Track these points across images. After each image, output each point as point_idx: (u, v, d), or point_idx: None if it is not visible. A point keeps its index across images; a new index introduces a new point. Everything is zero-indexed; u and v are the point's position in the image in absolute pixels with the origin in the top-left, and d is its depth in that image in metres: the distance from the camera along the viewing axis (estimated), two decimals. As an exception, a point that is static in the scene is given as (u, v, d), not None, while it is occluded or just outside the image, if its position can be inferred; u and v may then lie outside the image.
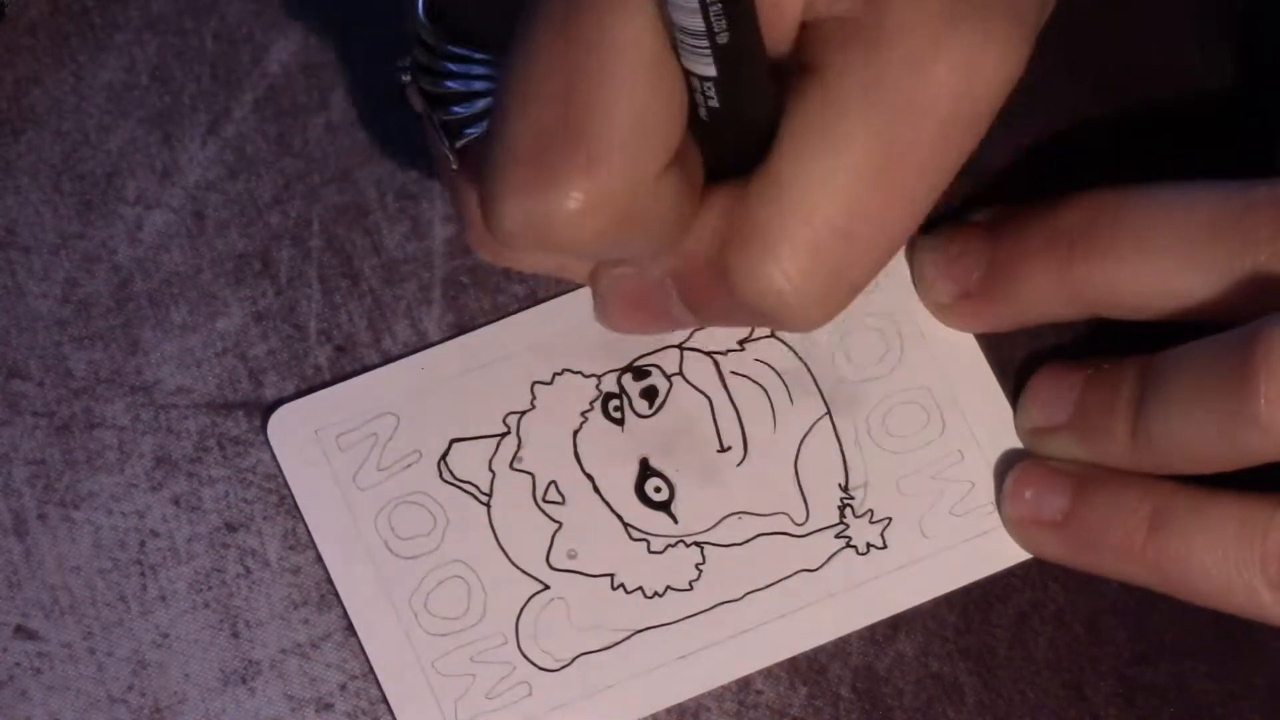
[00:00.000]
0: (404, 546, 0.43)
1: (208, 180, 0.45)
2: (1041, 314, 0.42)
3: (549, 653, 0.42)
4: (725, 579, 0.43)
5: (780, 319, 0.35)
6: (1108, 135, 0.45)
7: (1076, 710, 0.43)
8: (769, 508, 0.43)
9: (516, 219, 0.32)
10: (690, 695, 0.42)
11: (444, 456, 0.43)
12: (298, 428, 0.43)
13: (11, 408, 0.44)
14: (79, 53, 0.45)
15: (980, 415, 0.44)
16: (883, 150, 0.34)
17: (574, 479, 0.43)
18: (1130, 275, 0.40)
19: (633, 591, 0.43)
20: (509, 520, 0.43)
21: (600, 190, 0.32)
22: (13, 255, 0.44)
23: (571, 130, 0.32)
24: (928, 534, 0.43)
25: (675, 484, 0.43)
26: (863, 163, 0.34)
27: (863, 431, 0.44)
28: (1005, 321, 0.43)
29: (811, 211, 0.34)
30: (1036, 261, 0.41)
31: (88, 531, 0.43)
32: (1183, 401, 0.39)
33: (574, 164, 0.32)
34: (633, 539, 0.43)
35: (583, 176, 0.32)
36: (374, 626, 0.42)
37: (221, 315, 0.44)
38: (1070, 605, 0.43)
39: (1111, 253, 0.40)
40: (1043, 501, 0.42)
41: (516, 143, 0.32)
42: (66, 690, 0.42)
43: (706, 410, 0.44)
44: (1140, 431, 0.40)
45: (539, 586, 0.43)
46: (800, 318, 0.35)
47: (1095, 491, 0.41)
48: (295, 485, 0.43)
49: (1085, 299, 0.41)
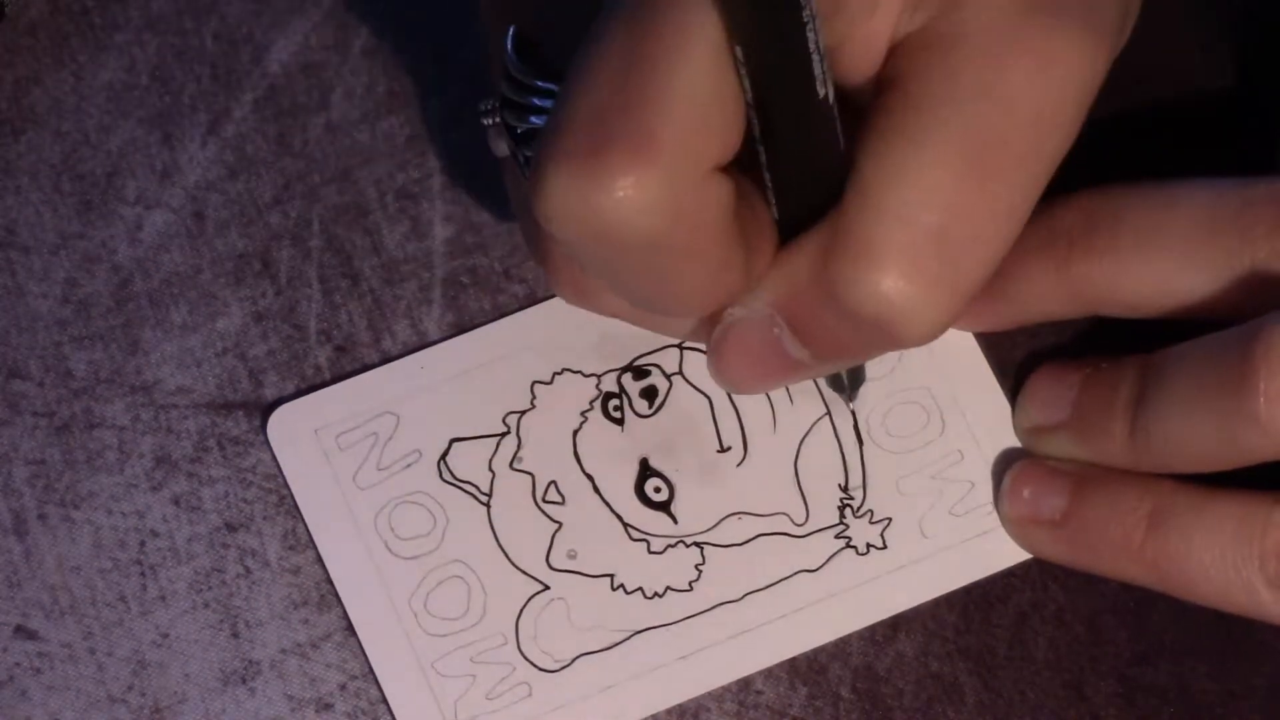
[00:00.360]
0: (404, 546, 0.43)
1: (208, 180, 0.45)
2: (1041, 312, 0.42)
3: (549, 653, 0.43)
4: (725, 579, 0.43)
5: (892, 328, 0.35)
6: (1107, 135, 0.45)
7: (1076, 710, 0.43)
8: (769, 508, 0.43)
9: (565, 199, 0.32)
10: (690, 696, 0.42)
11: (444, 456, 0.43)
12: (298, 427, 0.43)
13: (11, 408, 0.44)
14: (79, 53, 0.45)
15: (980, 415, 0.44)
16: (968, 146, 0.34)
17: (574, 479, 0.43)
18: (1130, 274, 0.40)
19: (633, 592, 0.43)
20: (509, 520, 0.43)
21: (655, 176, 0.32)
22: (13, 255, 0.44)
23: (627, 110, 0.32)
24: (927, 534, 0.43)
25: (675, 484, 0.43)
26: (950, 159, 0.34)
27: (863, 431, 0.44)
28: (1004, 320, 0.43)
29: (905, 213, 0.34)
30: (1035, 261, 0.41)
31: (88, 531, 0.43)
32: (1182, 401, 0.39)
33: (631, 147, 0.31)
34: (633, 539, 0.43)
35: (638, 160, 0.31)
36: (374, 626, 0.42)
37: (221, 315, 0.44)
38: (1070, 605, 0.43)
39: (1110, 252, 0.40)
40: (1041, 501, 0.42)
41: (571, 120, 0.32)
42: (66, 690, 0.42)
43: (706, 410, 0.44)
44: (1139, 431, 0.40)
45: (539, 587, 0.43)
46: (912, 323, 0.34)
47: (1094, 491, 0.41)
48: (295, 485, 0.43)
49: (1085, 297, 0.41)
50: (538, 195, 0.32)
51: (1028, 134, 0.34)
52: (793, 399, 0.44)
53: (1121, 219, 0.40)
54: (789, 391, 0.44)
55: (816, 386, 0.44)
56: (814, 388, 0.44)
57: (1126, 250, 0.40)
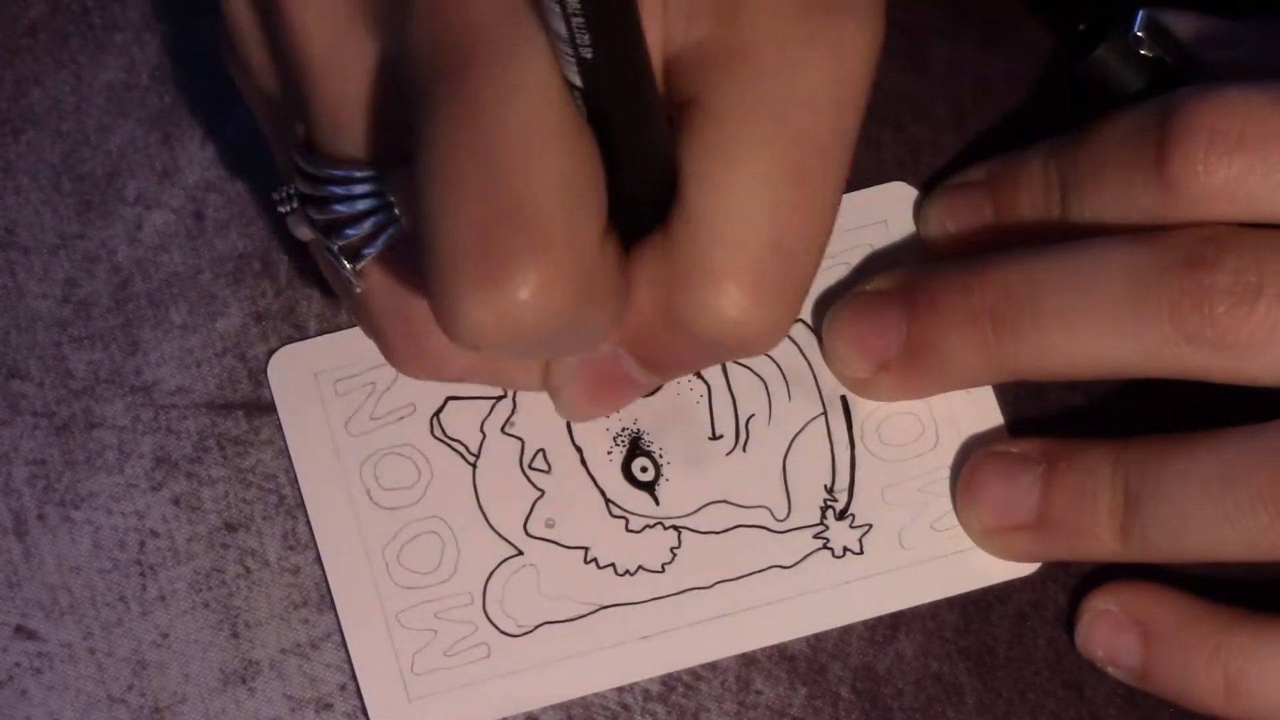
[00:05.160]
0: (385, 497, 0.43)
1: (208, 180, 0.45)
2: (970, 382, 0.43)
3: (513, 618, 0.43)
4: (698, 565, 0.43)
5: (740, 345, 0.35)
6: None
7: (1076, 710, 0.43)
8: (751, 500, 0.43)
9: (480, 317, 0.31)
10: (646, 676, 0.42)
11: (438, 413, 0.43)
12: (298, 369, 0.44)
13: (11, 408, 0.44)
14: (79, 53, 0.45)
15: (977, 436, 0.44)
16: (783, 156, 0.34)
17: (562, 449, 0.43)
18: (1058, 351, 0.40)
19: (605, 567, 0.43)
20: (492, 483, 0.43)
21: (556, 265, 0.31)
22: (13, 255, 0.44)
23: (509, 217, 0.31)
24: (906, 545, 0.43)
25: (662, 466, 0.43)
26: (769, 173, 0.34)
27: (856, 436, 0.44)
28: (930, 390, 0.43)
29: (736, 235, 0.34)
30: (957, 337, 0.41)
31: (87, 531, 0.43)
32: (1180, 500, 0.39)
33: (523, 248, 0.31)
34: (612, 515, 0.43)
35: (535, 257, 0.31)
36: (344, 571, 0.43)
37: (221, 315, 0.44)
38: (1070, 605, 0.43)
39: (1035, 332, 0.40)
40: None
41: (458, 244, 0.31)
42: (66, 690, 0.42)
43: (704, 396, 0.44)
44: (1133, 536, 0.40)
45: (512, 551, 0.43)
46: (759, 338, 0.35)
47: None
48: (287, 426, 0.43)
49: (1015, 370, 0.41)
50: (452, 322, 0.32)
51: (833, 126, 0.34)
52: (791, 396, 0.44)
53: (1039, 298, 0.40)
54: (788, 388, 0.44)
55: (817, 387, 0.44)
56: (814, 388, 0.44)
57: (1052, 330, 0.40)
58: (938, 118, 0.46)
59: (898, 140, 0.45)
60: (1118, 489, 0.40)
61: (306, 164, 0.36)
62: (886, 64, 0.35)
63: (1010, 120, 0.46)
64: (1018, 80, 0.46)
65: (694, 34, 0.34)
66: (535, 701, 0.42)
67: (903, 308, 0.42)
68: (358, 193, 0.35)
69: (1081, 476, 0.41)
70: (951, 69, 0.46)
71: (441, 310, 0.32)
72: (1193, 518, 0.39)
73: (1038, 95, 0.46)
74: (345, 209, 0.35)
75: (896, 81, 0.46)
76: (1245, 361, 0.38)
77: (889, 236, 0.45)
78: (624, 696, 0.43)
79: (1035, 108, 0.45)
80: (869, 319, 0.42)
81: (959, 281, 0.41)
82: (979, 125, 0.46)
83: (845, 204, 0.44)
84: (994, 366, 0.41)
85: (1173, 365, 0.39)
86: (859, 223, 0.45)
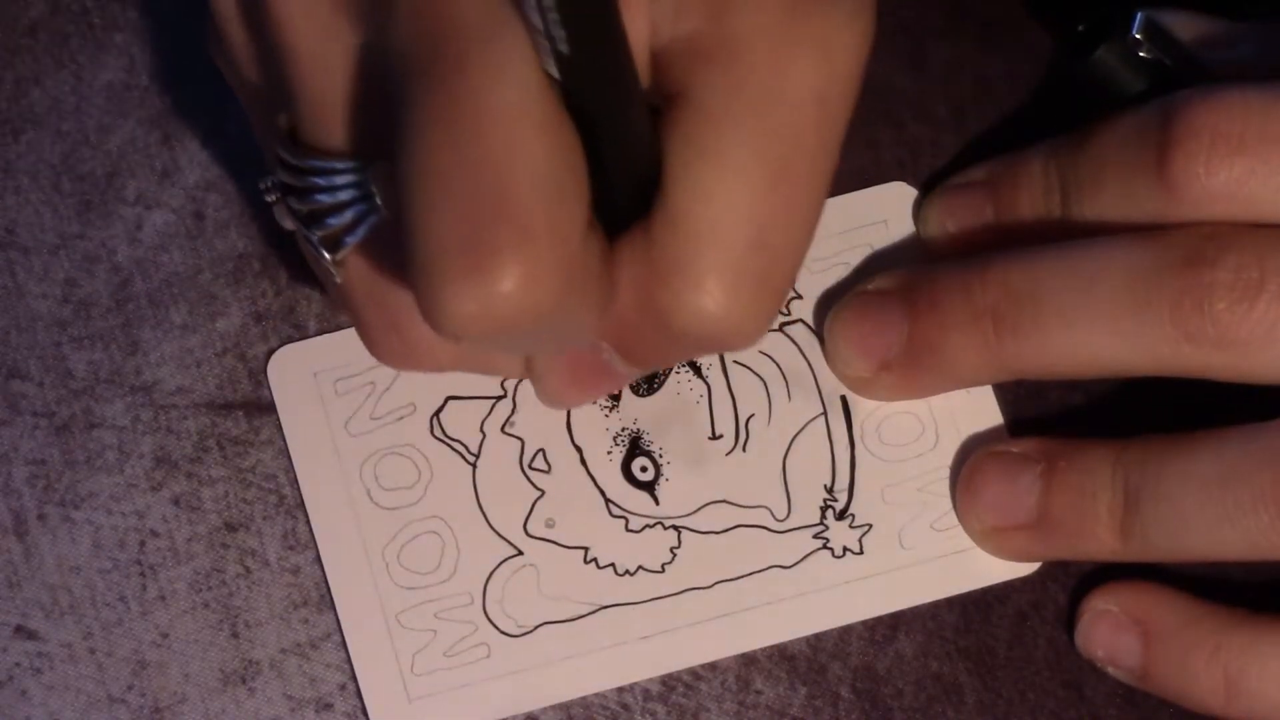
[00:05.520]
0: (386, 497, 0.43)
1: (208, 180, 0.45)
2: (972, 382, 0.43)
3: (513, 618, 0.43)
4: (698, 565, 0.43)
5: (720, 341, 0.35)
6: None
7: (1076, 710, 0.43)
8: (751, 500, 0.43)
9: (464, 308, 0.31)
10: (646, 676, 0.42)
11: (438, 413, 0.44)
12: (298, 369, 0.44)
13: (11, 408, 0.44)
14: (79, 53, 0.45)
15: (977, 436, 0.44)
16: (768, 155, 0.34)
17: (562, 449, 0.43)
18: (1059, 351, 0.40)
19: (604, 567, 0.43)
20: (493, 483, 0.43)
21: (539, 257, 0.31)
22: (13, 255, 0.44)
23: (492, 208, 0.31)
24: (906, 545, 0.43)
25: (662, 466, 0.43)
26: (753, 172, 0.33)
27: (856, 436, 0.44)
28: (931, 390, 0.43)
29: (719, 234, 0.34)
30: (959, 336, 0.41)
31: (87, 531, 0.43)
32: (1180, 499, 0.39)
33: (506, 239, 0.31)
34: (612, 515, 0.43)
35: (520, 248, 0.31)
36: (345, 571, 0.43)
37: (221, 315, 0.44)
38: (1070, 605, 0.43)
39: (1037, 332, 0.40)
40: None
41: (442, 236, 0.31)
42: (66, 690, 0.42)
43: (704, 396, 0.44)
44: (1134, 536, 0.40)
45: (512, 551, 0.43)
46: (739, 335, 0.35)
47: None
48: (287, 426, 0.43)
49: (1017, 369, 0.41)
50: (437, 313, 0.32)
51: (819, 124, 0.34)
52: (791, 396, 0.44)
53: (1041, 297, 0.40)
54: (788, 388, 0.44)
55: (817, 387, 0.44)
56: (814, 388, 0.44)
57: (1053, 330, 0.40)
58: (938, 118, 0.46)
59: (898, 140, 0.45)
60: (1118, 488, 0.40)
61: (289, 155, 0.36)
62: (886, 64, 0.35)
63: (1010, 120, 0.46)
64: (1018, 80, 0.46)
65: (682, 28, 0.34)
66: (535, 701, 0.42)
67: (904, 307, 0.42)
68: (339, 183, 0.35)
69: (1081, 476, 0.41)
70: (951, 69, 0.46)
71: (425, 301, 0.32)
72: (1193, 517, 0.39)
73: (1038, 95, 0.46)
74: (327, 199, 0.35)
75: (896, 81, 0.46)
76: (1246, 359, 0.38)
77: (889, 236, 0.45)
78: (624, 696, 0.43)
79: (1035, 108, 0.46)
80: (870, 319, 0.42)
81: (960, 281, 0.41)
82: (979, 125, 0.46)
83: (845, 204, 0.45)
84: (995, 366, 0.41)
85: (1174, 363, 0.39)
86: (859, 223, 0.45)
